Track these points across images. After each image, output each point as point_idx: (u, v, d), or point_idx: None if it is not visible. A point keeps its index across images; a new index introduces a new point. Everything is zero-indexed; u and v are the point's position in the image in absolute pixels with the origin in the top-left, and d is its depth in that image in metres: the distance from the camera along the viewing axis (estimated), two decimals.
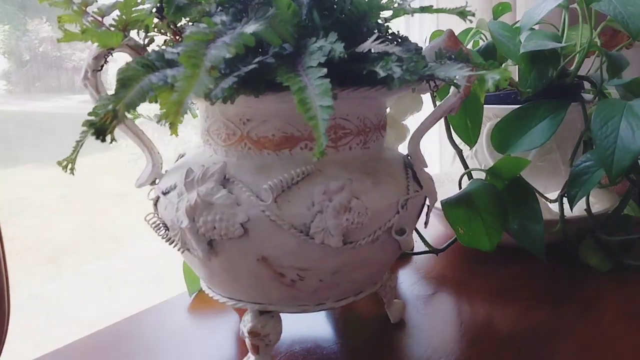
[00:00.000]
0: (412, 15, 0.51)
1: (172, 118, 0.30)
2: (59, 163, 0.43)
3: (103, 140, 0.33)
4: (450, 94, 0.52)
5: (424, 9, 0.40)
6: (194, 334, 0.58)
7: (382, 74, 0.36)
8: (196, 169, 0.44)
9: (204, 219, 0.43)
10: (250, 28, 0.35)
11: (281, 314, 0.49)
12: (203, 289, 0.53)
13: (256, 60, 0.38)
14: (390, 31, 0.47)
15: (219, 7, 0.43)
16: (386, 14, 0.44)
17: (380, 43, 0.38)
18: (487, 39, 0.79)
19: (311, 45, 0.39)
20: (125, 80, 0.34)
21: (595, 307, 0.62)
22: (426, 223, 0.52)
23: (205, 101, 0.39)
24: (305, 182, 0.43)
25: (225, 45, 0.34)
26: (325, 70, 0.36)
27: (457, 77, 0.38)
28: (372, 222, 0.44)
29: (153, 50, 0.36)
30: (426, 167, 0.52)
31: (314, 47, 0.39)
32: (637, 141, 0.58)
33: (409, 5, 0.40)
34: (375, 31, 0.41)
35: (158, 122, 0.31)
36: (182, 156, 0.53)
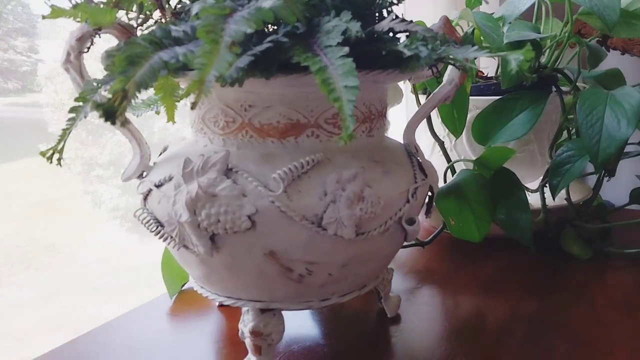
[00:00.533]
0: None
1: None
2: (43, 154, 0.39)
3: (113, 123, 0.30)
4: (444, 82, 0.51)
5: None
6: (176, 337, 0.55)
7: (407, 53, 0.34)
8: (194, 159, 0.41)
9: (207, 212, 0.40)
10: (268, 3, 0.33)
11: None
12: (195, 289, 0.50)
13: (269, 39, 0.35)
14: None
15: None
16: None
17: (399, 22, 0.36)
18: (462, 30, 0.79)
19: (325, 24, 0.37)
20: (133, 57, 0.30)
21: (584, 294, 0.62)
22: (428, 212, 0.51)
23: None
24: (314, 171, 0.41)
25: (244, 20, 0.31)
26: (347, 49, 0.34)
27: (475, 59, 0.37)
28: (384, 211, 0.42)
29: (158, 27, 0.33)
30: (424, 156, 0.51)
31: (329, 26, 0.36)
32: (622, 129, 0.59)
33: None
34: (386, 11, 0.40)
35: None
36: (166, 149, 0.50)
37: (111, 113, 0.29)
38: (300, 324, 0.56)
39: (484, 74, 0.85)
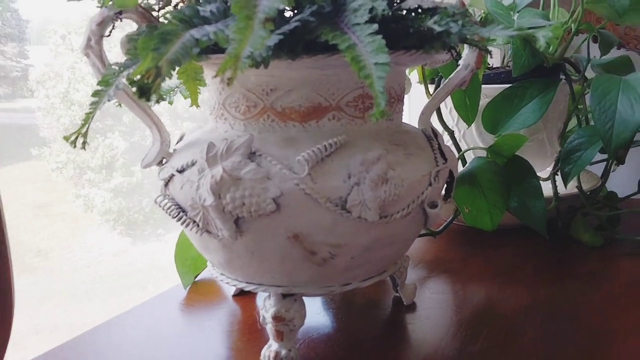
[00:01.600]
0: None
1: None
2: (66, 138, 0.39)
3: (148, 99, 0.29)
4: (460, 67, 0.51)
5: None
6: (191, 328, 0.55)
7: (437, 29, 0.34)
8: (218, 143, 0.41)
9: (232, 195, 0.39)
10: None
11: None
12: (214, 276, 0.49)
13: (297, 18, 0.35)
14: None
15: None
16: None
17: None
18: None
19: (351, 3, 0.37)
20: (165, 34, 0.30)
21: (596, 281, 0.62)
22: (447, 197, 0.51)
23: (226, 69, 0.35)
24: (337, 154, 0.41)
25: None
26: (376, 26, 0.33)
27: (502, 37, 0.37)
28: (407, 194, 0.42)
29: (187, 6, 0.33)
30: (443, 141, 0.51)
31: (355, 4, 0.36)
32: (636, 114, 0.59)
33: None
34: None
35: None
36: (183, 137, 0.49)
37: (146, 90, 0.29)
38: (317, 312, 0.56)
39: (489, 63, 0.85)
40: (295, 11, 0.38)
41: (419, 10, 0.37)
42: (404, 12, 0.38)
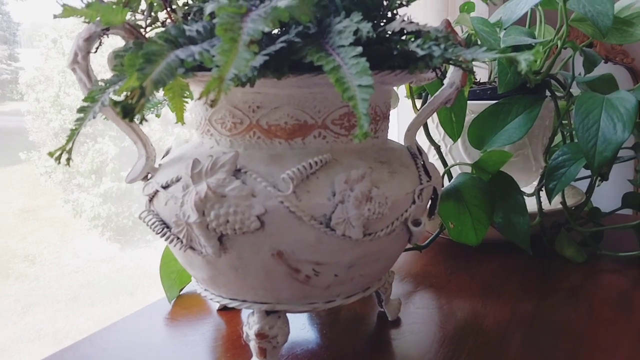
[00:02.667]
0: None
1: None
2: (51, 154, 0.39)
3: (131, 119, 0.29)
4: (445, 85, 0.51)
5: None
6: (175, 342, 0.54)
7: (420, 52, 0.35)
8: (203, 160, 0.41)
9: (216, 213, 0.40)
10: (283, 3, 0.33)
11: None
12: (198, 292, 0.49)
13: (282, 39, 0.35)
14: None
15: None
16: None
17: (410, 23, 0.37)
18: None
19: (336, 24, 0.37)
20: (149, 55, 0.30)
21: (580, 296, 0.63)
22: (431, 214, 0.51)
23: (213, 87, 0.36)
24: (322, 171, 0.41)
25: (261, 19, 0.31)
26: (360, 48, 0.34)
27: (486, 59, 0.38)
28: (391, 212, 0.42)
29: (172, 26, 0.33)
30: (427, 158, 0.52)
31: (340, 26, 0.37)
32: (618, 133, 0.60)
33: None
34: (397, 13, 0.40)
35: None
36: (169, 151, 0.50)
37: (129, 110, 0.29)
38: (302, 327, 0.56)
39: (476, 79, 0.86)
40: (281, 30, 0.39)
41: (404, 32, 0.38)
42: (389, 34, 0.38)
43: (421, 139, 0.76)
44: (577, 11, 0.67)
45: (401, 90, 0.81)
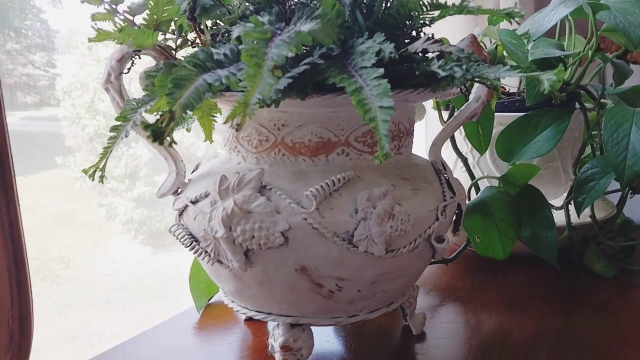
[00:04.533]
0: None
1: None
2: (85, 171, 0.41)
3: (161, 143, 0.31)
4: (471, 99, 0.52)
5: (469, 10, 0.40)
6: (203, 351, 0.56)
7: (442, 74, 0.35)
8: (230, 176, 0.42)
9: (242, 228, 0.41)
10: (306, 27, 0.34)
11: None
12: (225, 303, 0.51)
13: (306, 61, 0.36)
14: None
15: (254, 8, 0.42)
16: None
17: (432, 43, 0.37)
18: (485, 47, 0.80)
19: (359, 45, 0.38)
20: (178, 79, 0.32)
21: (608, 312, 0.62)
22: (456, 230, 0.51)
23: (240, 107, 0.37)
24: (345, 188, 0.42)
25: (285, 44, 0.32)
26: (382, 70, 0.35)
27: (505, 78, 0.38)
28: (413, 229, 0.43)
29: (201, 50, 0.35)
30: (452, 174, 0.52)
31: (363, 47, 0.37)
32: None
33: (463, 4, 0.39)
34: (421, 32, 0.41)
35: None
36: (199, 166, 0.51)
37: (159, 134, 0.30)
38: (327, 340, 0.57)
39: (505, 89, 0.85)
40: (306, 50, 0.40)
41: (427, 51, 0.38)
42: (412, 53, 0.39)
43: (448, 150, 0.76)
44: (609, 22, 0.67)
45: (428, 102, 0.81)
